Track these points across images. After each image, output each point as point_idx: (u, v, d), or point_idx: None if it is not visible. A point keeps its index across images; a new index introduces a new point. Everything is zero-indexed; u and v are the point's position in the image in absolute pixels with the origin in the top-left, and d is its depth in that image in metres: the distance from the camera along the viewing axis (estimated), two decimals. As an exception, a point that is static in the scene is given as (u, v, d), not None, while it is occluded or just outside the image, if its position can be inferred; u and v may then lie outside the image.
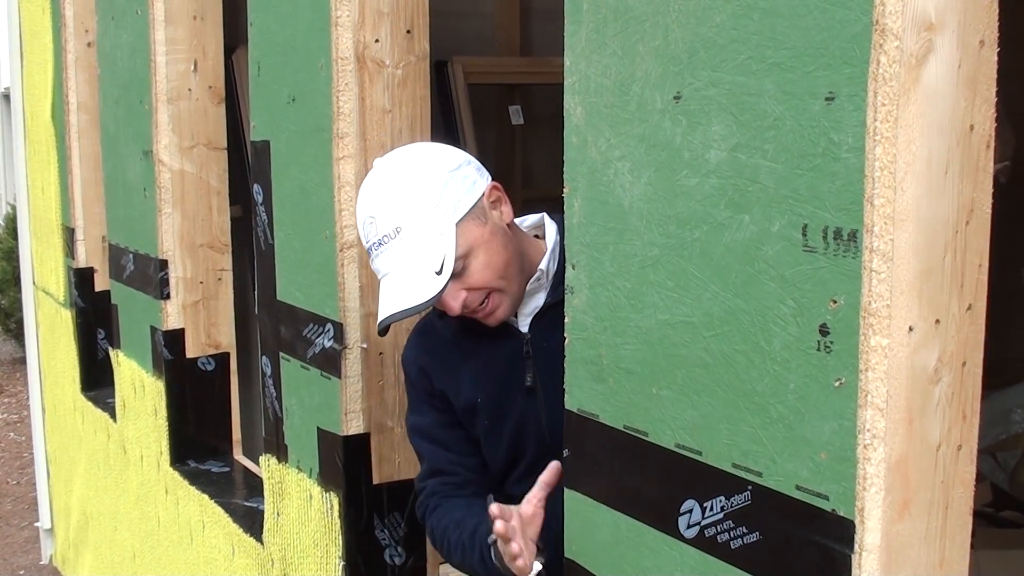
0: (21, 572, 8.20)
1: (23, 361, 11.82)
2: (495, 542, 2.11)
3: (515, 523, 2.04)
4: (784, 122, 1.46)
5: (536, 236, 2.40)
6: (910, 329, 1.42)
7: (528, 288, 2.29)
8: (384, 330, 2.26)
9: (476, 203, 2.22)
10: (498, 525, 2.01)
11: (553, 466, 2.09)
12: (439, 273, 2.15)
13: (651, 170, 1.68)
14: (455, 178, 2.21)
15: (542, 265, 2.30)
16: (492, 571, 2.15)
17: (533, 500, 2.10)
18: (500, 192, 2.27)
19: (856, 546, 1.42)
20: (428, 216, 2.17)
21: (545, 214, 2.41)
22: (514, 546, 2.02)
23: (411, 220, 2.17)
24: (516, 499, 2.37)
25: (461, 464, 2.41)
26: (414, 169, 2.23)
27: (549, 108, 6.42)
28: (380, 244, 2.20)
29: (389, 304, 2.19)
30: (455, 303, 2.19)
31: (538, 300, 2.32)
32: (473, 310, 2.22)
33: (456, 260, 2.16)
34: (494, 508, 2.02)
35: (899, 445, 1.44)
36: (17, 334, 12.54)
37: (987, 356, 1.56)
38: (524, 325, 2.32)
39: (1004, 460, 5.61)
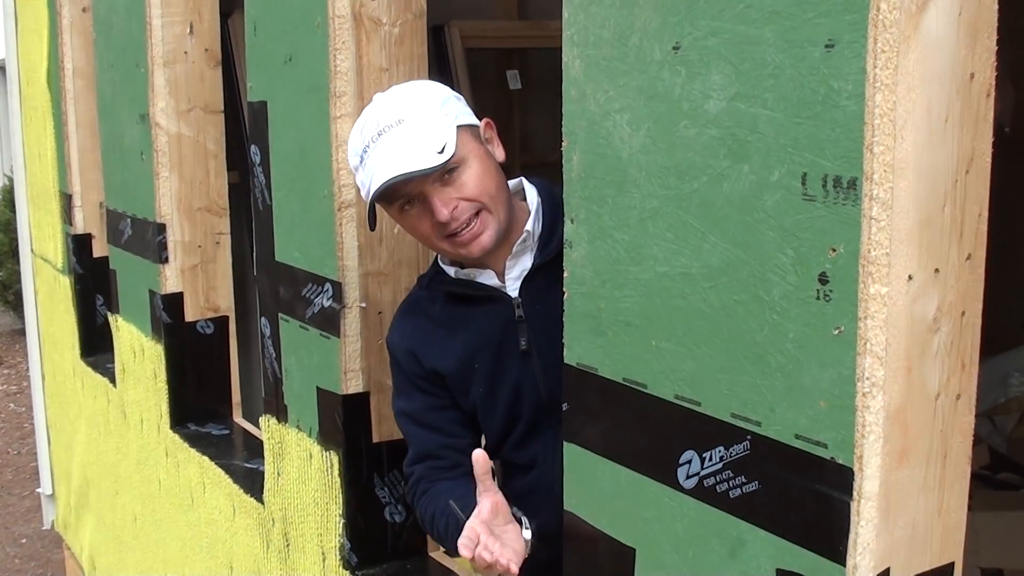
0: (23, 540, 8.23)
1: (22, 332, 11.84)
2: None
3: (484, 538, 2.06)
4: (784, 70, 1.45)
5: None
6: (909, 278, 1.42)
7: (514, 250, 2.28)
8: (373, 216, 2.24)
9: (475, 125, 2.22)
10: (467, 555, 2.03)
11: (477, 457, 2.11)
12: (440, 153, 2.12)
13: (650, 121, 1.67)
14: (457, 100, 2.23)
15: (528, 227, 2.28)
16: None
17: (484, 492, 2.11)
18: (493, 132, 2.27)
19: (855, 493, 1.43)
20: (432, 112, 2.16)
21: (523, 178, 2.39)
22: (487, 559, 2.04)
23: (414, 113, 2.15)
24: (514, 465, 2.38)
25: (451, 447, 2.40)
26: (417, 84, 2.27)
27: (547, 72, 6.41)
28: (379, 135, 2.16)
29: (384, 174, 2.13)
30: (445, 209, 2.14)
31: (525, 263, 2.30)
32: (459, 227, 2.17)
33: (453, 158, 2.13)
34: (465, 551, 2.04)
35: (898, 393, 1.44)
36: (15, 306, 12.55)
37: (985, 321, 1.57)
38: (513, 289, 2.30)
39: (1001, 424, 5.64)
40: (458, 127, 2.16)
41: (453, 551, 2.34)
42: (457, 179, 2.16)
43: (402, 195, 2.18)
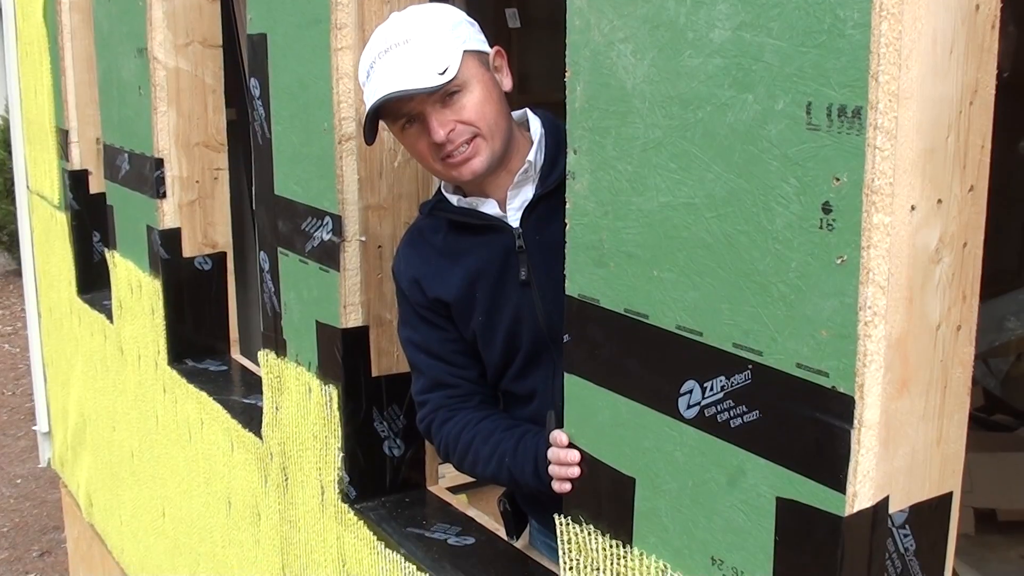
0: (18, 481, 8.27)
1: (16, 273, 11.86)
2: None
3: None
4: (789, -1, 1.45)
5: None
6: (912, 208, 1.43)
7: (516, 180, 2.29)
8: (372, 131, 2.24)
9: (484, 52, 2.23)
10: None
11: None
12: (442, 75, 2.14)
13: (654, 51, 1.67)
14: (470, 26, 2.25)
15: (530, 157, 2.29)
16: (546, 485, 2.11)
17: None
18: (503, 60, 2.29)
19: (856, 422, 1.43)
20: (440, 34, 2.18)
21: (528, 109, 2.40)
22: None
23: (422, 33, 2.17)
24: (514, 396, 2.39)
25: (462, 376, 2.42)
26: (433, 5, 2.27)
27: (546, 11, 6.39)
28: (385, 52, 2.18)
29: (386, 87, 2.16)
30: (442, 129, 2.17)
31: (527, 193, 2.30)
32: (453, 149, 2.20)
33: (455, 81, 2.16)
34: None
35: (899, 323, 1.45)
36: (9, 246, 12.56)
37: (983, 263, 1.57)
38: (514, 220, 2.31)
39: (996, 366, 5.69)
40: (465, 51, 2.18)
41: (489, 478, 2.38)
42: (457, 102, 2.18)
43: (403, 113, 2.21)
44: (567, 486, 1.99)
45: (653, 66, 1.67)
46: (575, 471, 1.97)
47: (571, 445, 1.98)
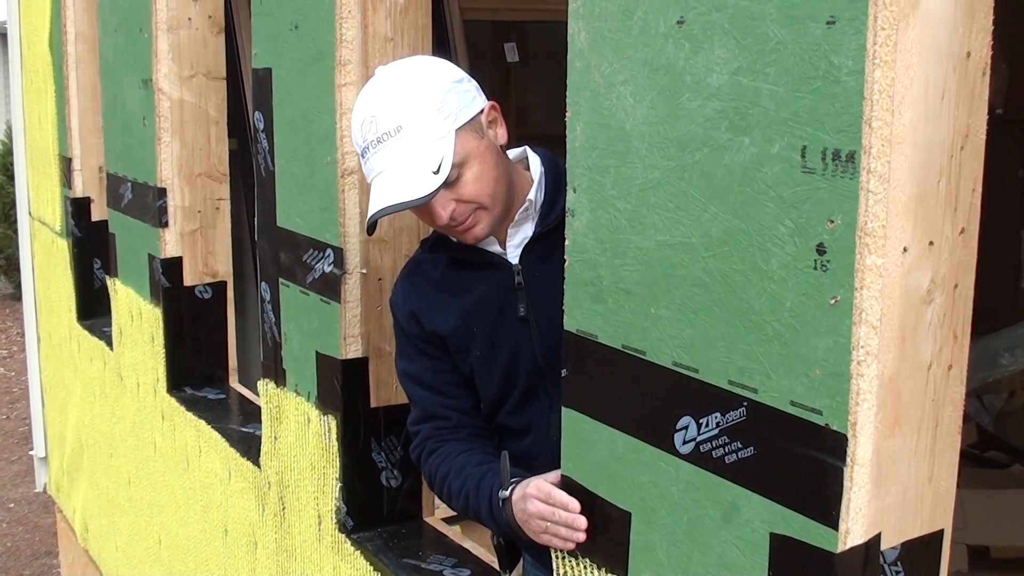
0: (11, 505, 8.26)
1: (12, 297, 11.85)
2: (506, 499, 2.14)
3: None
4: (786, 46, 1.48)
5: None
6: (904, 250, 1.45)
7: (516, 218, 2.30)
8: (372, 227, 2.26)
9: (475, 116, 2.22)
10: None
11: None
12: (436, 173, 2.14)
13: (653, 94, 1.70)
14: (458, 88, 2.22)
15: (530, 196, 2.30)
16: (501, 525, 2.18)
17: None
18: (497, 113, 2.28)
19: (848, 459, 1.46)
20: (431, 118, 2.16)
21: (527, 147, 2.42)
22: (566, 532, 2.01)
23: (413, 120, 2.16)
24: (510, 430, 2.41)
25: (454, 408, 2.43)
26: (418, 74, 2.23)
27: (544, 45, 6.44)
28: (379, 142, 2.18)
29: (382, 199, 2.18)
30: (444, 212, 2.18)
31: (526, 231, 2.32)
32: (455, 224, 2.22)
33: (452, 167, 2.15)
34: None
35: (892, 363, 1.47)
36: (7, 270, 12.55)
37: (975, 301, 1.60)
38: (514, 256, 2.33)
39: (990, 402, 5.69)
40: (457, 130, 2.18)
41: (461, 512, 2.39)
42: (457, 182, 2.18)
43: None
44: (557, 542, 2.02)
45: (652, 108, 1.70)
46: (581, 537, 1.98)
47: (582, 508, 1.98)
